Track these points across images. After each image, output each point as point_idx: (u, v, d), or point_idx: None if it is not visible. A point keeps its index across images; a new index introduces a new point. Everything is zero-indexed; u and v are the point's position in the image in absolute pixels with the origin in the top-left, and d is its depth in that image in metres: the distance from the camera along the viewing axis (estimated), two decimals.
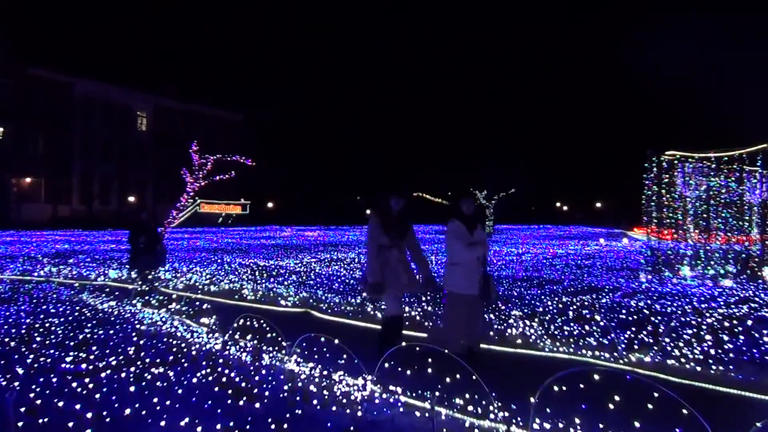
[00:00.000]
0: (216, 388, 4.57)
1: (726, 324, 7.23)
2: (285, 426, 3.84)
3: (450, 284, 5.45)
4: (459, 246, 5.38)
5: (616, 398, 4.00)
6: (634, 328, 6.89)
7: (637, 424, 3.70)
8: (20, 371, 4.93)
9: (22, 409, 3.97)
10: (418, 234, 6.29)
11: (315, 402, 4.30)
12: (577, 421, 3.81)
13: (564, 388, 4.07)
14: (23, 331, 6.52)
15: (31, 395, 4.31)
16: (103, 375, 4.87)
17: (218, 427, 3.78)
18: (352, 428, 3.83)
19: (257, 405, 4.22)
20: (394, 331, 5.44)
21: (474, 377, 3.89)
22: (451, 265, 5.48)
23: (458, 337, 5.33)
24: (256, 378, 4.86)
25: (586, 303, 8.90)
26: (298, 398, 4.37)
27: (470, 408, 4.11)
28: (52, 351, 5.64)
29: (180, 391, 4.49)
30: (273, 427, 3.82)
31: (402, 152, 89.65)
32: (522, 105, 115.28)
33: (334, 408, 4.19)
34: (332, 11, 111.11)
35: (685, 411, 3.07)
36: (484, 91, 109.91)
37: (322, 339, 5.09)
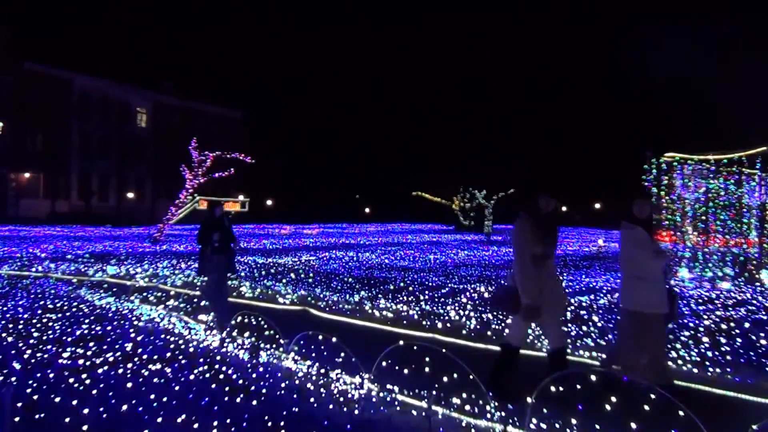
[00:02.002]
0: (213, 385, 4.57)
1: (723, 326, 7.24)
2: (282, 424, 3.83)
3: (635, 302, 4.58)
4: (644, 256, 4.56)
5: (613, 399, 4.01)
6: None
7: (633, 426, 3.71)
8: (17, 366, 4.92)
9: (19, 405, 3.96)
10: (419, 235, 6.14)
11: (312, 400, 4.30)
12: (574, 421, 3.81)
13: (561, 388, 4.08)
14: (20, 326, 6.52)
15: (28, 390, 4.31)
16: (100, 371, 4.87)
17: (215, 424, 3.78)
18: (349, 427, 3.83)
19: (254, 402, 4.22)
20: (512, 364, 4.64)
21: (470, 376, 3.89)
22: (635, 280, 4.60)
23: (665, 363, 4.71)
24: (254, 375, 4.86)
25: (583, 304, 8.92)
26: (295, 396, 4.37)
27: (467, 407, 4.11)
28: (49, 346, 5.63)
29: (177, 388, 4.49)
30: (270, 424, 3.82)
31: (400, 150, 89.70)
32: (521, 105, 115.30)
33: (331, 406, 4.19)
34: (330, 10, 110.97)
35: (681, 413, 3.07)
36: (484, 91, 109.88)
37: (320, 337, 5.08)
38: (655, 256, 4.56)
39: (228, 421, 3.83)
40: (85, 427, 3.66)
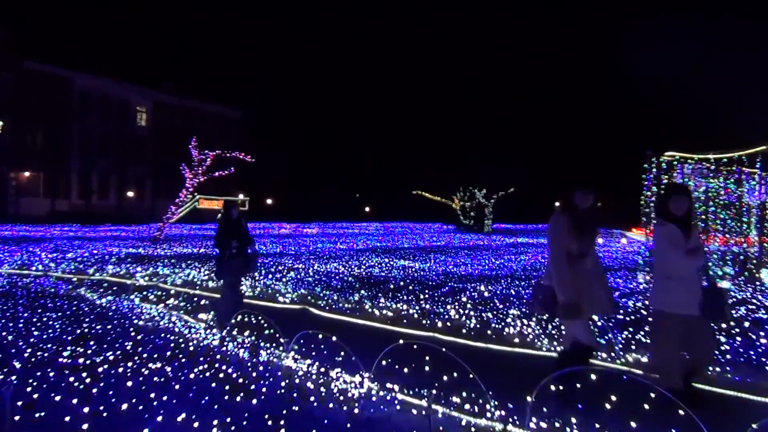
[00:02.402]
0: (213, 384, 4.57)
1: (723, 325, 7.24)
2: (282, 423, 3.84)
3: (661, 302, 4.45)
4: (676, 255, 4.39)
5: (613, 398, 4.01)
6: (631, 329, 6.90)
7: (633, 425, 3.71)
8: (17, 365, 4.92)
9: (19, 404, 3.97)
10: (418, 234, 6.11)
11: (312, 399, 4.30)
12: (574, 420, 3.82)
13: (561, 387, 4.08)
14: (20, 325, 6.52)
15: (28, 389, 4.31)
16: (100, 370, 4.87)
17: (215, 423, 3.78)
18: (348, 425, 3.83)
19: (254, 401, 4.22)
20: (581, 362, 4.37)
21: (470, 375, 3.89)
22: (664, 279, 4.46)
23: (678, 368, 4.47)
24: (254, 374, 4.86)
25: None
26: (295, 395, 4.37)
27: (467, 406, 4.11)
28: (49, 345, 5.63)
29: (177, 387, 4.49)
30: (270, 423, 3.82)
31: (400, 149, 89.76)
32: (521, 105, 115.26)
33: (331, 405, 4.19)
34: (330, 9, 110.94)
35: (681, 412, 3.07)
36: (484, 91, 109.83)
37: (320, 336, 5.09)
38: (687, 256, 4.36)
39: (228, 420, 3.84)
40: (85, 426, 3.66)
